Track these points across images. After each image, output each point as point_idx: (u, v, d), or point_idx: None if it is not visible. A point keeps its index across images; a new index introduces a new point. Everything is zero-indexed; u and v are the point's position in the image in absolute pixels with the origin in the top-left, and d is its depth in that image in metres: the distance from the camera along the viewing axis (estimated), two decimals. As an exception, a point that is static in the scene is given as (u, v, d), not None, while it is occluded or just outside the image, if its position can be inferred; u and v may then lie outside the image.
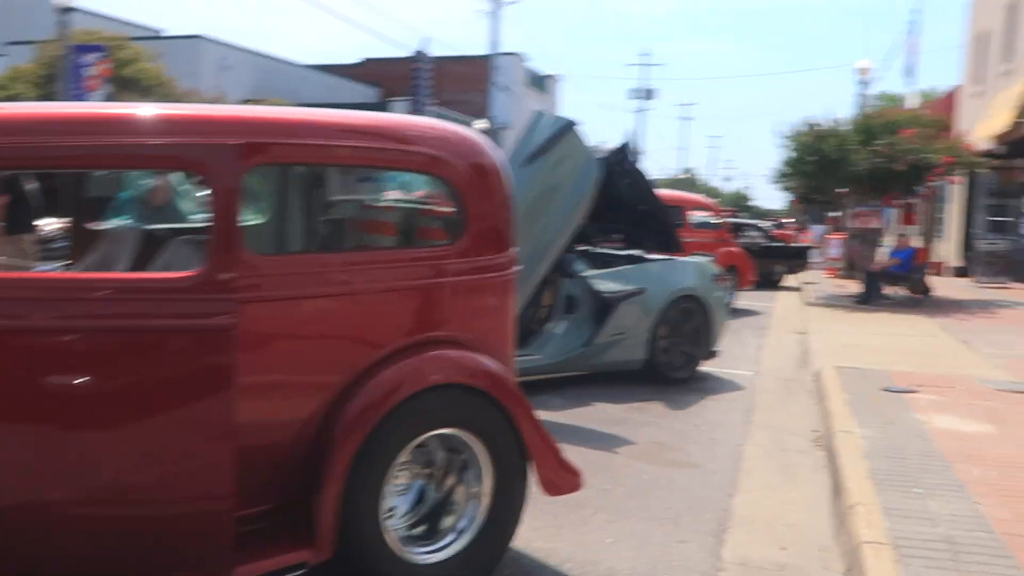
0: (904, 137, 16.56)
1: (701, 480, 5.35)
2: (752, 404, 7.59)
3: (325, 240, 4.58)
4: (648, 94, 65.32)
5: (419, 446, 3.47)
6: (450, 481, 3.63)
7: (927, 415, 6.62)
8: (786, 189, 38.98)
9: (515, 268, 3.89)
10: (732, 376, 8.87)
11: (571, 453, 5.85)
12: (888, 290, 16.89)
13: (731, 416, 7.08)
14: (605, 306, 7.73)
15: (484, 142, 3.92)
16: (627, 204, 8.38)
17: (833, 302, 16.87)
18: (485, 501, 3.58)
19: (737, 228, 21.66)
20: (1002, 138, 20.20)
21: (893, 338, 11.98)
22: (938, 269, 23.76)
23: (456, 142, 3.73)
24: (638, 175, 8.23)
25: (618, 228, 8.90)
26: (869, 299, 16.31)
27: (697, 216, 16.10)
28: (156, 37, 33.84)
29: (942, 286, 17.70)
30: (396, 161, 3.61)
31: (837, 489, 5.03)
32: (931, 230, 30.13)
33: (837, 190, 20.78)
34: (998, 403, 7.28)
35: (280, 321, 3.18)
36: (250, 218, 4.14)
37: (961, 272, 24.63)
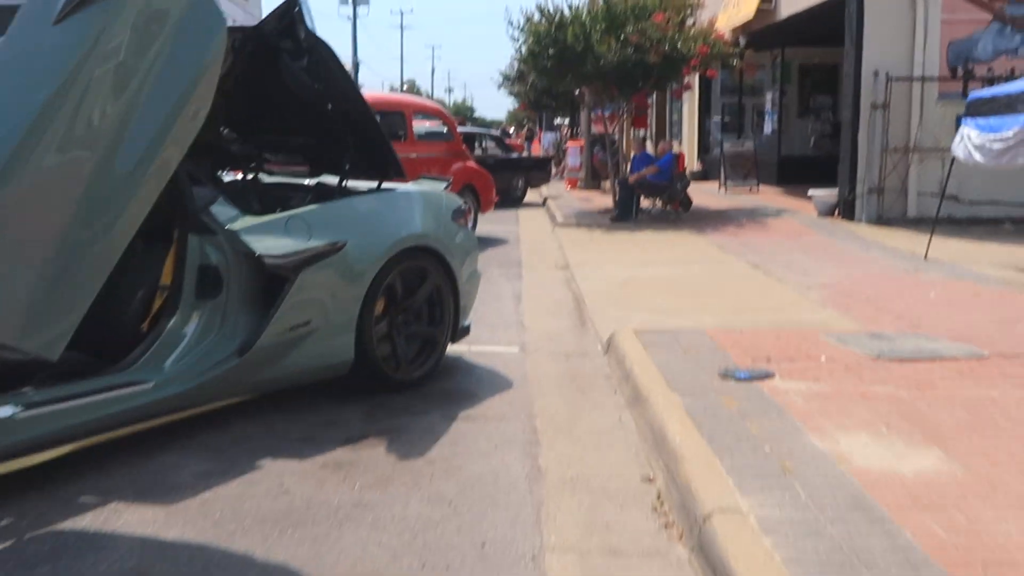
0: (655, 24, 14.15)
1: None
2: (532, 424, 4.60)
3: None
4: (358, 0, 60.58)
5: None
6: None
7: (828, 439, 3.91)
8: (513, 94, 36.73)
9: None
10: (491, 359, 5.87)
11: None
12: (645, 203, 14.68)
13: (504, 462, 4.04)
14: (274, 279, 4.41)
15: None
16: (306, 102, 5.01)
17: (586, 220, 14.43)
18: None
19: (468, 140, 18.76)
20: (744, 28, 18.51)
21: (676, 268, 9.53)
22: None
23: None
24: (322, 53, 4.85)
25: (293, 142, 5.51)
26: (628, 215, 13.99)
27: (424, 126, 12.92)
28: None
29: (691, 194, 15.72)
30: None
31: None
32: (666, 134, 28.88)
33: (578, 90, 18.33)
34: (894, 387, 4.75)
35: None
36: None
37: (700, 176, 23.26)
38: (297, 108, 5.08)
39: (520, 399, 5.02)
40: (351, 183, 5.40)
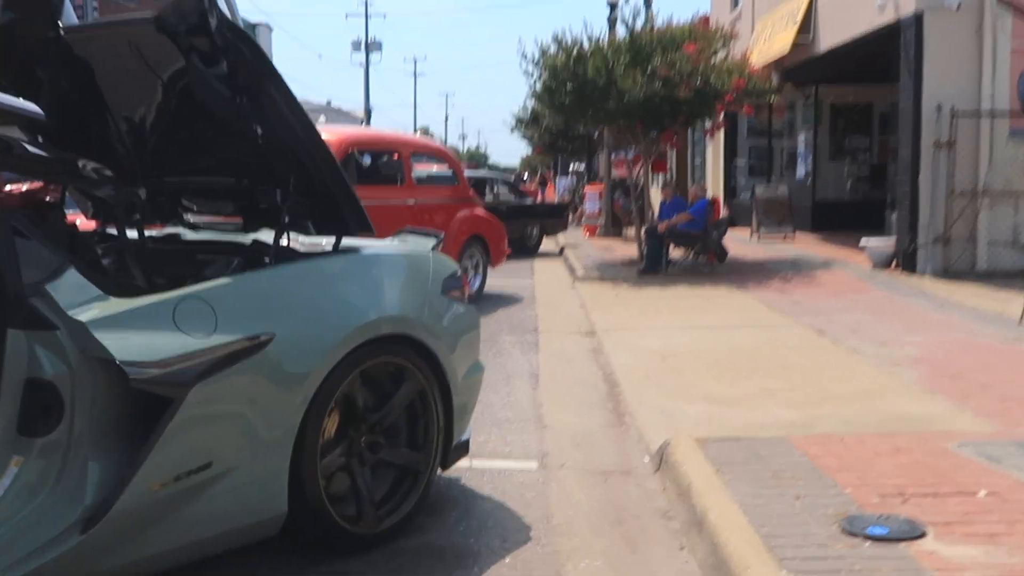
0: (686, 55, 12.64)
1: None
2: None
3: None
4: (371, 46, 59.88)
5: None
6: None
7: None
8: (527, 138, 35.31)
9: None
10: (500, 483, 4.22)
11: None
12: (675, 253, 13.05)
13: None
14: (150, 400, 2.78)
15: None
16: (227, 125, 3.43)
17: (609, 273, 12.81)
18: None
19: (479, 185, 17.26)
20: (777, 64, 17.03)
21: (723, 335, 7.89)
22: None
23: None
24: (245, 53, 3.27)
25: (215, 184, 3.92)
26: (657, 268, 12.36)
27: (425, 168, 11.39)
28: None
29: (723, 242, 14.04)
30: None
31: None
32: (687, 178, 27.39)
33: (597, 130, 16.84)
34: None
35: None
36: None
37: (727, 223, 21.59)
38: (215, 134, 3.51)
39: (542, 563, 3.35)
40: (299, 239, 3.82)
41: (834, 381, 6.06)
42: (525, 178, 44.26)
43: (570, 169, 37.38)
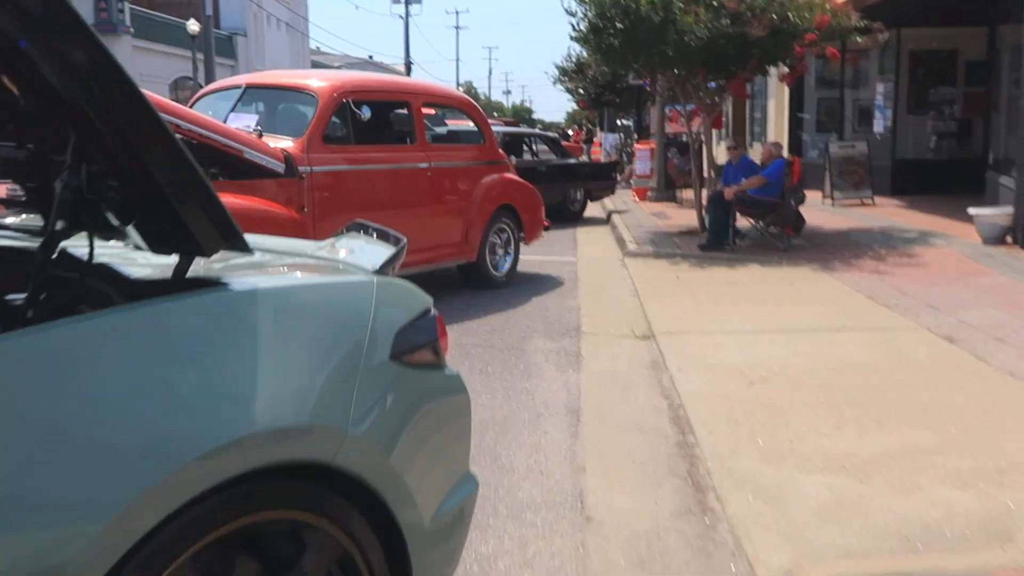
0: (759, -14, 10.59)
1: None
2: None
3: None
4: (412, -4, 57.70)
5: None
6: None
7: None
8: (570, 90, 33.13)
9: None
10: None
11: None
12: (741, 221, 11.08)
13: None
14: None
15: None
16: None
17: (665, 248, 10.91)
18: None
19: (515, 143, 15.35)
20: (859, 1, 14.82)
21: (821, 342, 6.01)
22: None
23: None
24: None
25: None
26: (722, 241, 10.44)
27: (443, 123, 9.52)
28: None
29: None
30: None
31: None
32: (745, 135, 25.21)
33: (648, 80, 14.81)
34: None
35: None
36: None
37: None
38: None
39: None
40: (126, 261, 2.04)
41: (1007, 432, 4.20)
42: (569, 134, 42.10)
43: (618, 124, 35.17)
